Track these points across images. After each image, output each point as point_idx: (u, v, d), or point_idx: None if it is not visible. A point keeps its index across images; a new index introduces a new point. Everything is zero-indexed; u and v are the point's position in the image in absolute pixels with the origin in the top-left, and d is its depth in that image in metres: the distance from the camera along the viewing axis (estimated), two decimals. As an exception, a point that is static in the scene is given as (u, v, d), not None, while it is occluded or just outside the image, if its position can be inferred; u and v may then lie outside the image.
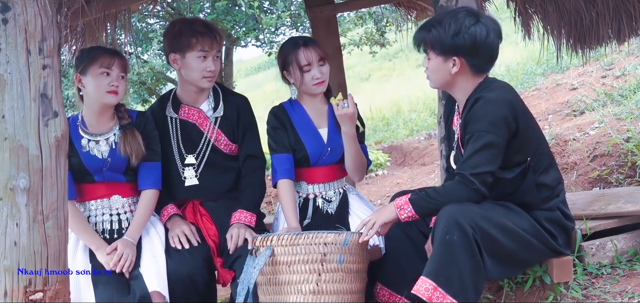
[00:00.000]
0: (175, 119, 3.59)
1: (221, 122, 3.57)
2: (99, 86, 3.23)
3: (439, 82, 3.08)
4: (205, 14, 10.50)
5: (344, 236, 2.98)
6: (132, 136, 3.35)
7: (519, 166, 2.98)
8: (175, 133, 3.58)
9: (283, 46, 3.61)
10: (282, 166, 3.48)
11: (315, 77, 3.45)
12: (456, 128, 3.14)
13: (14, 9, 2.49)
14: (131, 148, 3.33)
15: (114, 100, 3.28)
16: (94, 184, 3.35)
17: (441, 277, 2.74)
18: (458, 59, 2.95)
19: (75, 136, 3.30)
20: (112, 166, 3.33)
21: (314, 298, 2.95)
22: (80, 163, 3.29)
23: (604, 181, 5.29)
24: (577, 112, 7.93)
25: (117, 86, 3.25)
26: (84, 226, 3.27)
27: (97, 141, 3.33)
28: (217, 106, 3.59)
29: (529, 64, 12.59)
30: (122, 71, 3.27)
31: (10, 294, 2.57)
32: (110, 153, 3.33)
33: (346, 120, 3.38)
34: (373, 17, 11.60)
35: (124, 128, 3.35)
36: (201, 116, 3.57)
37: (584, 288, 3.19)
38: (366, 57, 16.85)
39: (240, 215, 3.45)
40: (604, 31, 5.02)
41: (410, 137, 11.25)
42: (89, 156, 3.30)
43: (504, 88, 2.99)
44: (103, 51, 3.32)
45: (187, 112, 3.58)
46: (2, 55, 2.49)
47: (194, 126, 3.57)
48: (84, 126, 3.34)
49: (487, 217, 2.81)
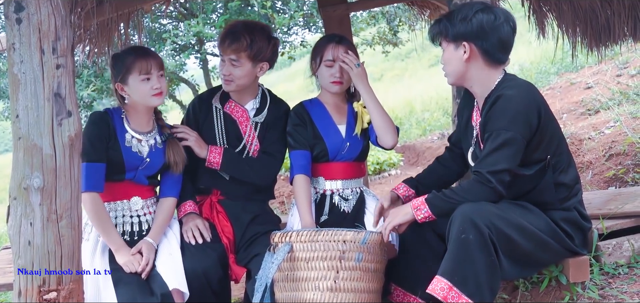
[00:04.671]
0: (220, 110, 3.64)
1: (260, 128, 3.63)
2: (142, 92, 3.25)
3: (454, 74, 3.06)
4: (218, 14, 10.51)
5: (363, 234, 2.98)
6: (176, 145, 3.44)
7: (539, 163, 2.95)
8: (218, 124, 3.63)
9: (320, 38, 3.72)
10: (298, 162, 3.53)
11: (334, 75, 3.52)
12: (475, 124, 3.12)
13: (28, 9, 2.49)
14: (177, 157, 3.42)
15: (160, 101, 3.33)
16: (118, 184, 3.33)
17: (457, 276, 2.72)
18: (467, 44, 2.95)
19: (120, 129, 3.31)
20: (148, 166, 3.36)
21: (331, 295, 2.95)
22: (120, 157, 3.29)
23: (619, 181, 5.25)
24: (592, 111, 7.87)
25: (160, 87, 3.28)
26: (108, 225, 3.25)
27: (140, 140, 3.35)
28: (261, 111, 3.66)
29: (542, 63, 12.52)
30: (160, 69, 3.30)
31: (24, 294, 2.57)
32: (149, 154, 3.35)
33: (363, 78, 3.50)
34: (386, 17, 11.58)
35: (168, 137, 3.44)
36: (244, 116, 3.63)
37: (601, 288, 3.16)
38: (379, 57, 16.83)
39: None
40: (620, 29, 4.98)
41: (423, 137, 11.23)
42: (130, 152, 3.31)
43: (525, 86, 2.97)
44: (136, 55, 3.29)
45: (232, 108, 3.64)
46: (16, 54, 2.50)
47: (235, 123, 3.62)
48: (128, 122, 3.36)
49: (503, 216, 2.79)
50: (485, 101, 2.99)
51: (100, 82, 10.46)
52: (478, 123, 3.05)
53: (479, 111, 3.06)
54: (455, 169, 3.43)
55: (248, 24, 3.58)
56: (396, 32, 12.01)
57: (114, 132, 3.28)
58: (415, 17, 6.89)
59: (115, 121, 3.31)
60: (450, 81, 3.13)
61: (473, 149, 3.12)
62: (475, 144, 3.10)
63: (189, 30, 9.68)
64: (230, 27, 3.54)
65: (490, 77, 2.99)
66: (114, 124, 3.29)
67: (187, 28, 9.74)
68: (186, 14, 11.07)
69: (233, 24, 3.58)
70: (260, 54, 3.51)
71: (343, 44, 3.56)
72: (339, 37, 3.62)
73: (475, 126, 3.10)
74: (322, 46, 3.58)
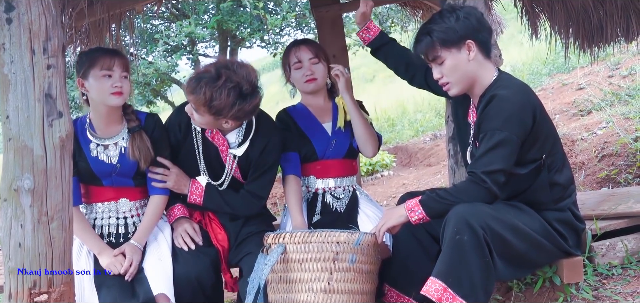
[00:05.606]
0: (199, 133, 3.40)
1: (240, 159, 3.39)
2: (102, 88, 3.14)
3: (462, 80, 2.98)
4: (210, 14, 10.49)
5: (357, 235, 2.97)
6: (140, 139, 3.27)
7: (533, 163, 2.94)
8: (198, 148, 3.41)
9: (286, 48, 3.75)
10: (288, 163, 3.54)
11: (305, 74, 3.56)
12: (471, 122, 3.11)
13: (18, 9, 2.46)
14: (140, 153, 3.24)
15: (119, 101, 3.19)
16: (102, 187, 3.30)
17: (451, 277, 2.71)
18: (470, 41, 2.92)
19: (83, 140, 3.25)
20: (121, 171, 3.28)
21: (324, 297, 2.93)
22: (89, 168, 3.23)
23: (612, 181, 5.26)
24: (584, 112, 7.90)
25: (121, 87, 3.16)
26: (87, 230, 3.22)
27: (106, 145, 3.26)
28: (243, 142, 3.37)
29: (534, 64, 12.56)
30: (124, 70, 3.19)
31: (15, 296, 2.55)
32: (120, 159, 3.27)
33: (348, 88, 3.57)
34: (378, 18, 11.58)
35: (132, 131, 3.27)
36: (225, 145, 3.40)
37: (595, 289, 3.16)
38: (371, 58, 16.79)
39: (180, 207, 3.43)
40: (612, 30, 4.99)
41: (415, 138, 11.23)
42: (98, 161, 3.24)
43: (520, 86, 2.96)
44: (102, 52, 3.21)
45: (213, 134, 3.40)
46: (6, 55, 2.47)
47: (215, 149, 3.41)
48: (92, 130, 3.27)
49: (498, 217, 2.78)
50: (480, 99, 2.98)
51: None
52: (474, 122, 3.04)
53: (475, 110, 3.05)
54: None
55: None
56: (389, 33, 12.02)
57: (78, 144, 3.18)
58: (407, 17, 6.90)
59: (79, 132, 3.21)
60: (456, 91, 3.01)
61: (471, 148, 3.11)
62: (472, 143, 3.08)
63: (181, 31, 9.66)
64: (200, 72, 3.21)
65: (488, 73, 2.98)
66: (77, 136, 3.19)
67: (179, 29, 9.72)
68: (178, 14, 11.05)
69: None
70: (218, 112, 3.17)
71: (304, 44, 3.61)
72: (301, 40, 3.69)
73: (472, 124, 3.09)
74: (287, 53, 3.66)
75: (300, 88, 3.65)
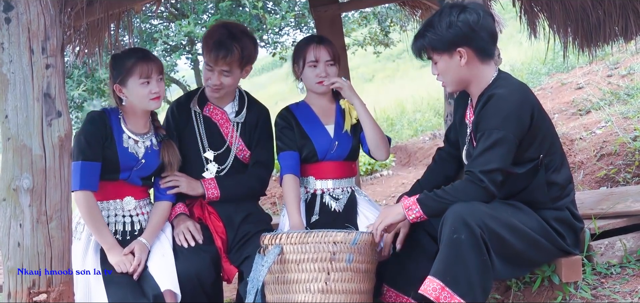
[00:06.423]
0: (199, 114, 3.62)
1: (242, 128, 3.63)
2: (141, 95, 3.25)
3: (455, 82, 3.04)
4: (209, 14, 10.49)
5: (354, 235, 2.96)
6: (170, 147, 3.45)
7: (531, 162, 2.95)
8: (199, 128, 3.61)
9: (299, 41, 3.71)
10: (286, 163, 3.53)
11: (320, 75, 3.52)
12: (469, 122, 3.11)
13: (17, 8, 2.47)
14: (172, 158, 3.43)
15: (158, 105, 3.32)
16: (111, 183, 3.31)
17: (449, 276, 2.71)
18: (462, 49, 2.93)
19: (117, 129, 3.31)
20: (143, 168, 3.35)
21: (322, 297, 2.93)
22: (115, 158, 3.27)
23: (611, 181, 5.26)
24: (583, 111, 7.90)
25: (158, 91, 3.27)
26: (101, 223, 3.23)
27: (137, 141, 3.35)
28: (240, 112, 3.65)
29: (533, 64, 12.56)
30: (159, 74, 3.29)
31: (14, 295, 2.55)
32: (145, 155, 3.35)
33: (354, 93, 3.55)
34: (377, 17, 11.59)
35: (164, 138, 3.45)
36: (224, 117, 3.62)
37: (593, 288, 3.16)
38: (370, 57, 16.84)
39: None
40: (611, 29, 5.00)
41: (414, 137, 11.23)
42: (127, 152, 3.30)
43: (518, 85, 2.97)
44: (137, 58, 3.27)
45: (212, 110, 3.62)
46: (4, 54, 2.48)
47: (216, 126, 3.61)
48: (125, 122, 3.35)
49: (495, 216, 2.78)
50: (478, 98, 2.98)
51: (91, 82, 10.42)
52: (472, 122, 3.04)
53: (473, 109, 3.06)
54: (454, 166, 3.42)
55: (232, 32, 3.49)
56: (387, 33, 12.03)
57: (111, 132, 3.27)
58: (406, 17, 6.88)
59: (113, 121, 3.30)
60: (451, 89, 3.11)
61: (467, 147, 3.11)
62: (469, 142, 3.09)
63: (180, 31, 9.66)
64: (217, 37, 3.45)
65: (486, 74, 2.99)
66: (111, 124, 3.28)
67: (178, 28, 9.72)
68: (177, 14, 11.05)
69: (218, 33, 3.49)
70: (248, 60, 3.53)
71: (324, 44, 3.57)
72: (319, 38, 3.63)
73: (469, 124, 3.10)
74: (304, 47, 3.57)
75: (309, 87, 3.61)
